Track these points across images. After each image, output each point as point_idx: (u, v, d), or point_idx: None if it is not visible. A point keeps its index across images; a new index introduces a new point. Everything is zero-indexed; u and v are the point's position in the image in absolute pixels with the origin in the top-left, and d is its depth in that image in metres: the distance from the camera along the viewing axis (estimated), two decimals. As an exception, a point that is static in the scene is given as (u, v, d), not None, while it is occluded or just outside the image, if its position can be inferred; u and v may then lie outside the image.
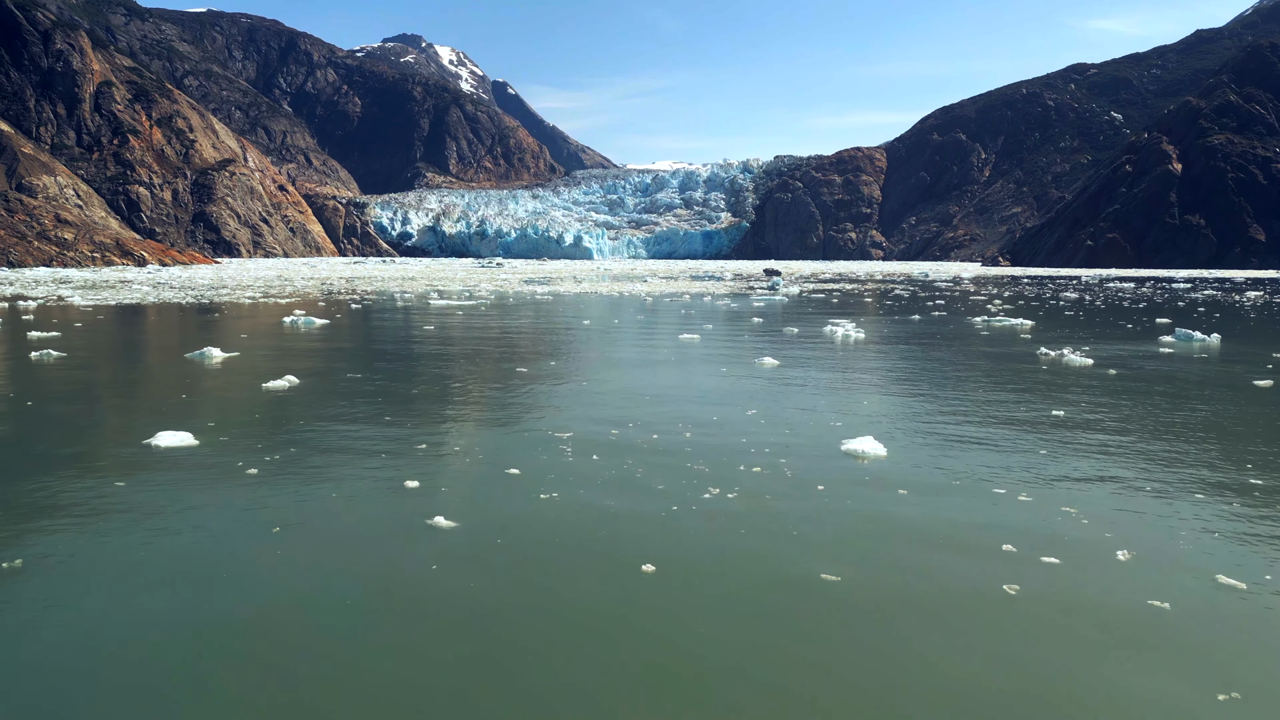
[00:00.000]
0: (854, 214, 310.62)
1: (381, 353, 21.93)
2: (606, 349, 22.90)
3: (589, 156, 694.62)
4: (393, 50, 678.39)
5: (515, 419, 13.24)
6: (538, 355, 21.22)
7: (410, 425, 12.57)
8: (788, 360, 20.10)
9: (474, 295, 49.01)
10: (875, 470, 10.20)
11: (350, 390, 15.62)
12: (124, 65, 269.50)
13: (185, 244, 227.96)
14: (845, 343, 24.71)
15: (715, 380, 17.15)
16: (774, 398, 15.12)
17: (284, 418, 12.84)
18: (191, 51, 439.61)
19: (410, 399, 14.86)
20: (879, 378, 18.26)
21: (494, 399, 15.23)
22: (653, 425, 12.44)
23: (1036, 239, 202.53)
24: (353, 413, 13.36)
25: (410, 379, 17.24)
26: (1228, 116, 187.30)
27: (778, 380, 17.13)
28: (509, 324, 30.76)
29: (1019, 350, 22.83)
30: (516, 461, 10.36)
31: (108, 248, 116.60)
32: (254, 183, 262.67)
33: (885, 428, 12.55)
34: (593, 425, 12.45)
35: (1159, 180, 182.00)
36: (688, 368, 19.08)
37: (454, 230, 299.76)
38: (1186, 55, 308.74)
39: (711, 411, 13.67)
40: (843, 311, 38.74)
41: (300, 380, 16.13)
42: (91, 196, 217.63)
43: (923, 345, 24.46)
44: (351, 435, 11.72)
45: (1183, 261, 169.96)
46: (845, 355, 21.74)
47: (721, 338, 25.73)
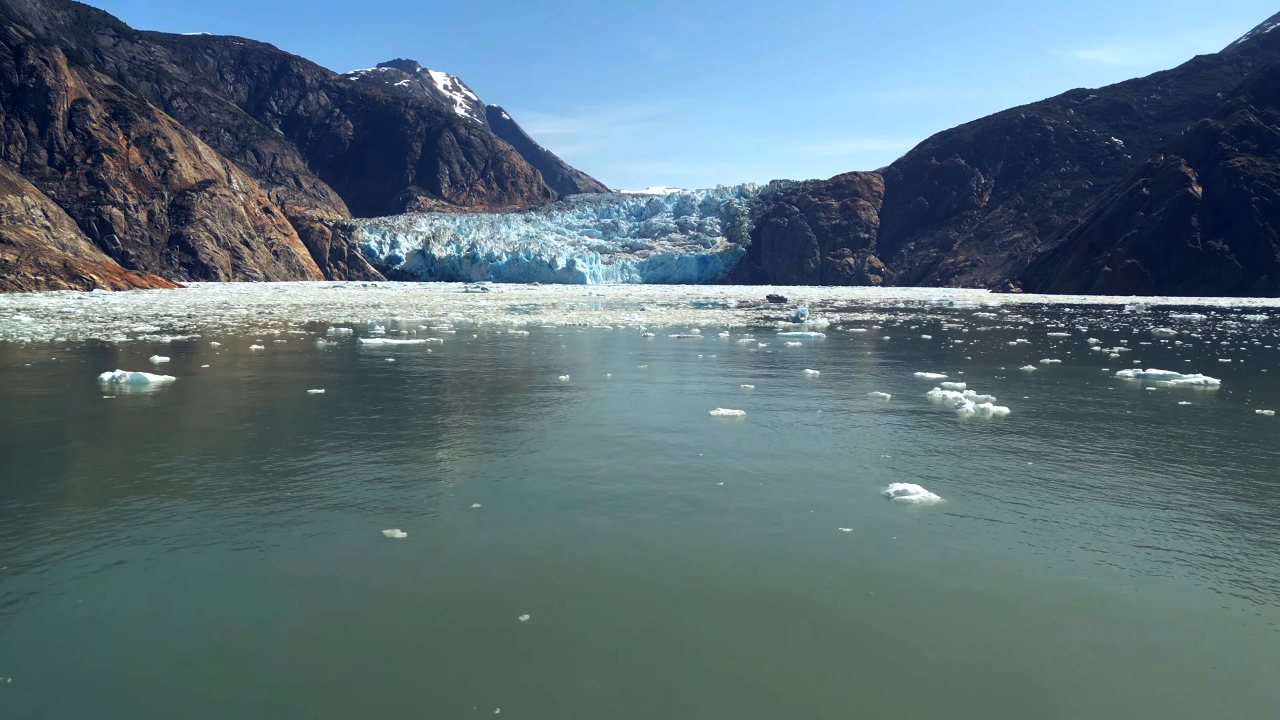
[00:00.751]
0: (851, 239, 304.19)
1: (143, 464, 12.14)
2: (585, 456, 12.73)
3: (583, 181, 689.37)
4: (387, 74, 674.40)
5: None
6: (438, 476, 11.30)
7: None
8: (948, 486, 10.38)
9: (432, 329, 39.22)
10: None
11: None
12: (102, 83, 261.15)
13: (160, 266, 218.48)
14: (986, 425, 14.94)
15: (850, 560, 7.64)
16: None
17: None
18: (181, 73, 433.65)
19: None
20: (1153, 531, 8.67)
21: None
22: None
23: (1049, 265, 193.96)
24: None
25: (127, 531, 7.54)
26: (1248, 138, 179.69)
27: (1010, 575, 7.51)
28: (443, 380, 20.94)
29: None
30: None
31: (54, 270, 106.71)
32: (236, 204, 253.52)
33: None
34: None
35: (1179, 204, 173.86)
36: (777, 520, 9.50)
37: (444, 254, 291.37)
38: (1186, 81, 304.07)
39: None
40: (910, 355, 29.05)
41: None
42: (61, 217, 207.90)
43: (1121, 433, 14.67)
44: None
45: (1207, 289, 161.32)
46: (1023, 467, 11.95)
47: (782, 415, 15.96)
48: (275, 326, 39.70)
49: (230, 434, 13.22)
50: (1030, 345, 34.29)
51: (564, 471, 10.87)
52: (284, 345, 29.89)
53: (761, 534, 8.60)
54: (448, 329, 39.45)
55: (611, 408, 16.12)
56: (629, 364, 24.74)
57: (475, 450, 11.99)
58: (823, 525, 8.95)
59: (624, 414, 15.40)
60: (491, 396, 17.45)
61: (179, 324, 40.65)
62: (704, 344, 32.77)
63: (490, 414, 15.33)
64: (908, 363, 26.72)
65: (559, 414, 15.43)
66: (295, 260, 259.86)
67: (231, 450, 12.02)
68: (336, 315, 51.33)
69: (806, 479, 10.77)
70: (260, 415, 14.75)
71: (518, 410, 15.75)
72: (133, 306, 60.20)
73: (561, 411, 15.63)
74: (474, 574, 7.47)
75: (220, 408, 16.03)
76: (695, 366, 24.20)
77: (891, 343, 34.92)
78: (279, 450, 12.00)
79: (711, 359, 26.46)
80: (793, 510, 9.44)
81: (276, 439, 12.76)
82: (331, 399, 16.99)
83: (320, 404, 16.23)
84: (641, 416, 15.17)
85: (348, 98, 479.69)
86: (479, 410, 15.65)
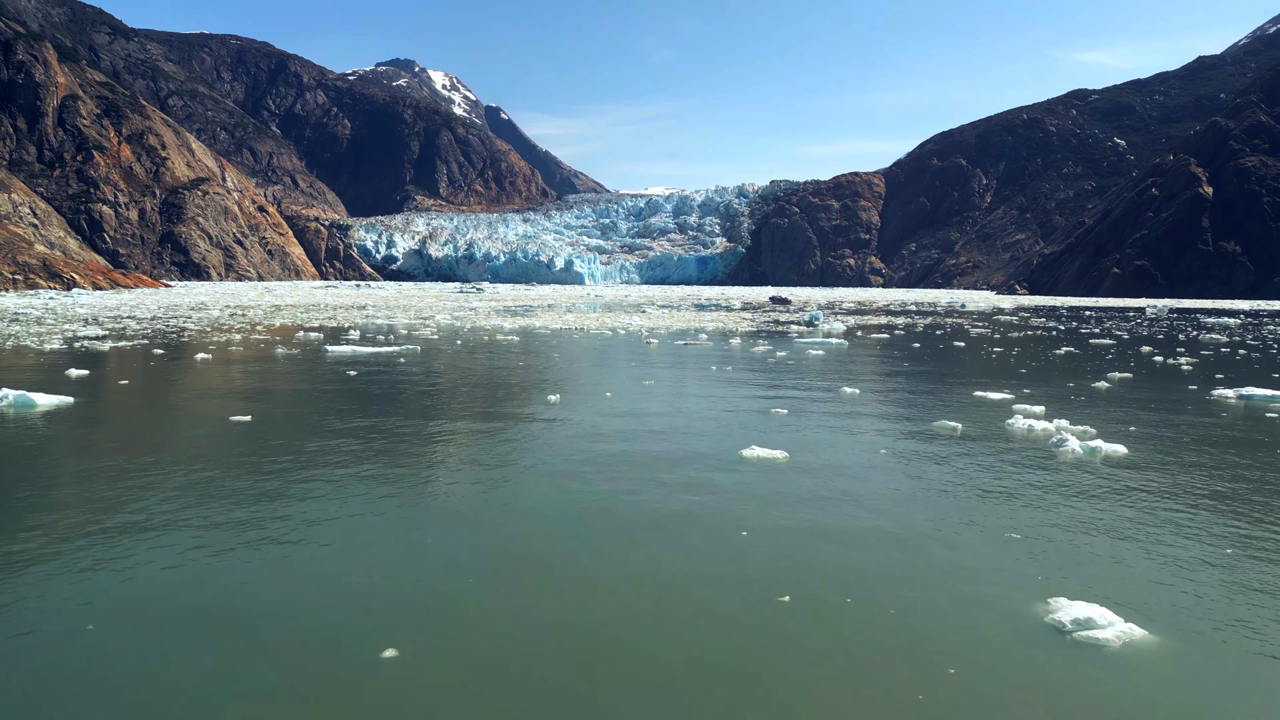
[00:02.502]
0: (852, 240, 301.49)
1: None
2: (565, 547, 8.41)
3: (582, 182, 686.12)
4: (385, 74, 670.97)
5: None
6: (348, 594, 7.64)
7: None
8: (1146, 609, 6.53)
9: (413, 334, 35.54)
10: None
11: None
12: (94, 80, 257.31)
13: (151, 266, 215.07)
14: (1116, 478, 11.27)
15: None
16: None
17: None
18: (177, 71, 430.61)
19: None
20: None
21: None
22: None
23: (1056, 266, 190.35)
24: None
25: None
26: (1259, 138, 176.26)
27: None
28: (404, 403, 17.25)
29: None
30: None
31: (32, 269, 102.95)
32: (229, 203, 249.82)
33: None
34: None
35: (1189, 204, 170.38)
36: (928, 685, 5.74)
37: (440, 254, 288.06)
38: (1189, 81, 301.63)
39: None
40: (955, 368, 25.40)
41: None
42: (50, 215, 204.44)
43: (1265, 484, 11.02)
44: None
45: (1219, 291, 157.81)
46: (1231, 564, 8.14)
47: (839, 457, 12.17)
48: (240, 331, 36.00)
49: (81, 498, 9.50)
50: (1080, 355, 30.64)
51: (523, 592, 7.04)
52: (237, 354, 26.19)
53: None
54: (430, 334, 35.73)
55: (609, 449, 12.42)
56: (631, 379, 21.03)
57: (412, 541, 8.31)
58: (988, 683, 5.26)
59: (625, 458, 11.73)
60: (457, 431, 13.74)
61: (135, 328, 36.94)
62: (715, 353, 29.08)
63: (448, 462, 11.62)
64: (956, 377, 23.03)
65: (540, 460, 11.74)
66: (290, 260, 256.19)
67: (62, 526, 8.34)
68: (315, 318, 47.62)
69: (930, 585, 7.07)
70: (140, 466, 11.04)
71: (486, 455, 12.06)
72: (101, 308, 56.49)
73: (544, 457, 11.94)
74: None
75: (98, 447, 12.30)
76: (710, 383, 20.48)
77: (924, 351, 31.24)
78: (131, 525, 8.31)
79: (727, 372, 22.74)
80: (937, 656, 5.74)
81: (139, 505, 9.06)
82: (254, 433, 13.27)
83: (233, 442, 12.53)
84: (649, 460, 11.51)
85: (345, 97, 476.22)
86: (436, 455, 11.95)
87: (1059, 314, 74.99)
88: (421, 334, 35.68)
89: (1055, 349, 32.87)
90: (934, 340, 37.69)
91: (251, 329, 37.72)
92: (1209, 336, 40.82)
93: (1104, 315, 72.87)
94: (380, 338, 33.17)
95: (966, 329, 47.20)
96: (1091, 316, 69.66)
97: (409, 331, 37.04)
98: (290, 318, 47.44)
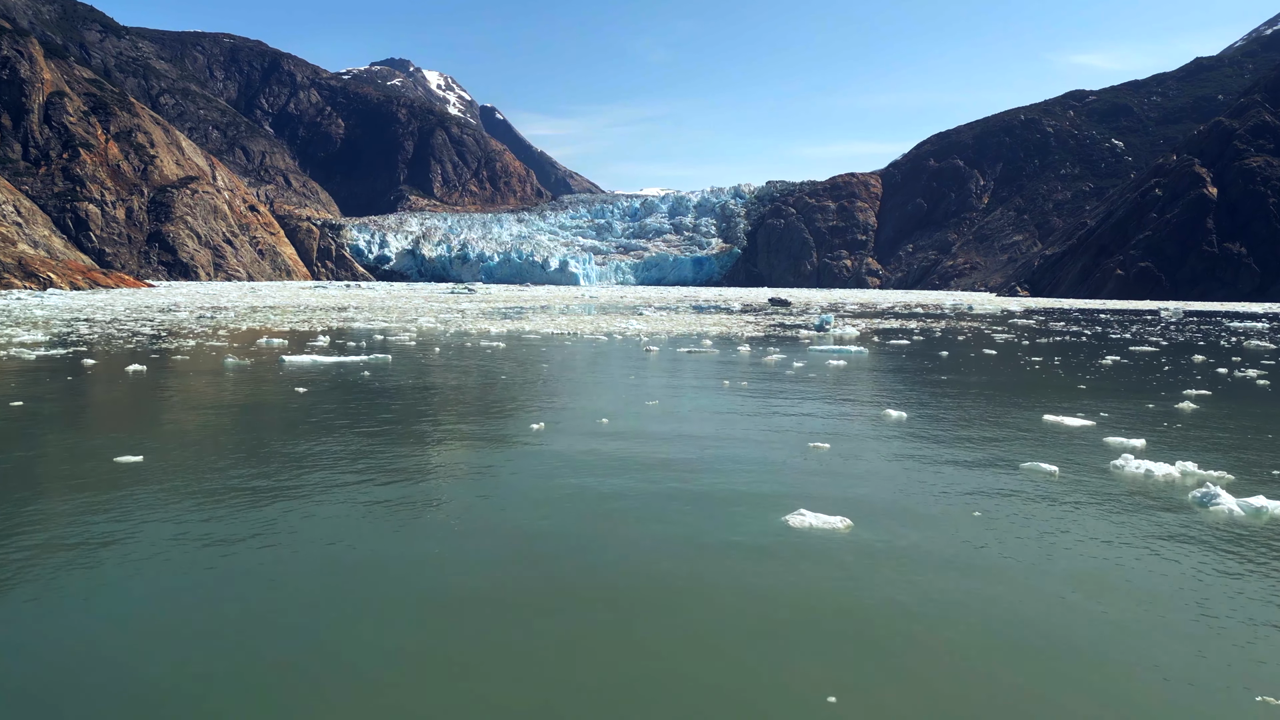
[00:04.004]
0: (849, 241, 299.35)
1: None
2: (541, 682, 5.19)
3: (577, 182, 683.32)
4: (379, 73, 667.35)
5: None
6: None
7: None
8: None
9: (388, 340, 32.28)
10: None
11: None
12: (82, 76, 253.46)
13: (138, 265, 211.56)
14: (1264, 531, 8.07)
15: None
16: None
17: None
18: (169, 70, 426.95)
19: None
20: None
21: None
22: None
23: (1057, 268, 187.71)
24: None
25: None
26: (1264, 138, 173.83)
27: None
28: (349, 431, 13.97)
29: None
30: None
31: (8, 268, 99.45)
32: (219, 202, 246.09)
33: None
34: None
35: (1193, 205, 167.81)
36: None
37: (434, 254, 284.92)
38: (1186, 83, 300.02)
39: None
40: (1004, 383, 22.22)
41: None
42: (35, 213, 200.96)
43: None
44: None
45: (1224, 293, 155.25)
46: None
47: (917, 528, 8.84)
48: (199, 337, 32.69)
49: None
50: (1131, 365, 27.50)
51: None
52: (178, 366, 22.91)
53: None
54: (408, 340, 32.44)
55: (603, 509, 9.17)
56: (631, 398, 17.79)
57: (322, 646, 5.09)
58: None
59: (626, 525, 8.51)
60: (404, 478, 10.47)
61: (84, 333, 33.61)
62: (724, 363, 25.86)
63: (389, 528, 8.36)
64: (1008, 394, 19.81)
65: (510, 519, 8.51)
66: (281, 260, 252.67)
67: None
68: (288, 321, 44.29)
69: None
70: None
71: (439, 513, 8.81)
72: (65, 309, 53.15)
73: (517, 517, 8.70)
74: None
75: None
76: (725, 403, 17.24)
77: (956, 362, 28.06)
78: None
79: (743, 388, 19.49)
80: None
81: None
82: (134, 481, 10.00)
83: (98, 498, 9.26)
84: (656, 541, 8.22)
85: (339, 96, 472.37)
86: (361, 528, 8.64)
87: (1072, 317, 72.04)
88: (398, 340, 32.41)
89: (1098, 358, 29.74)
90: (960, 347, 34.52)
91: (213, 334, 34.41)
92: (1255, 343, 37.73)
93: (1118, 318, 69.88)
94: (351, 344, 29.89)
95: (987, 334, 44.09)
96: (1107, 320, 66.66)
97: (385, 337, 33.75)
98: (262, 321, 44.13)
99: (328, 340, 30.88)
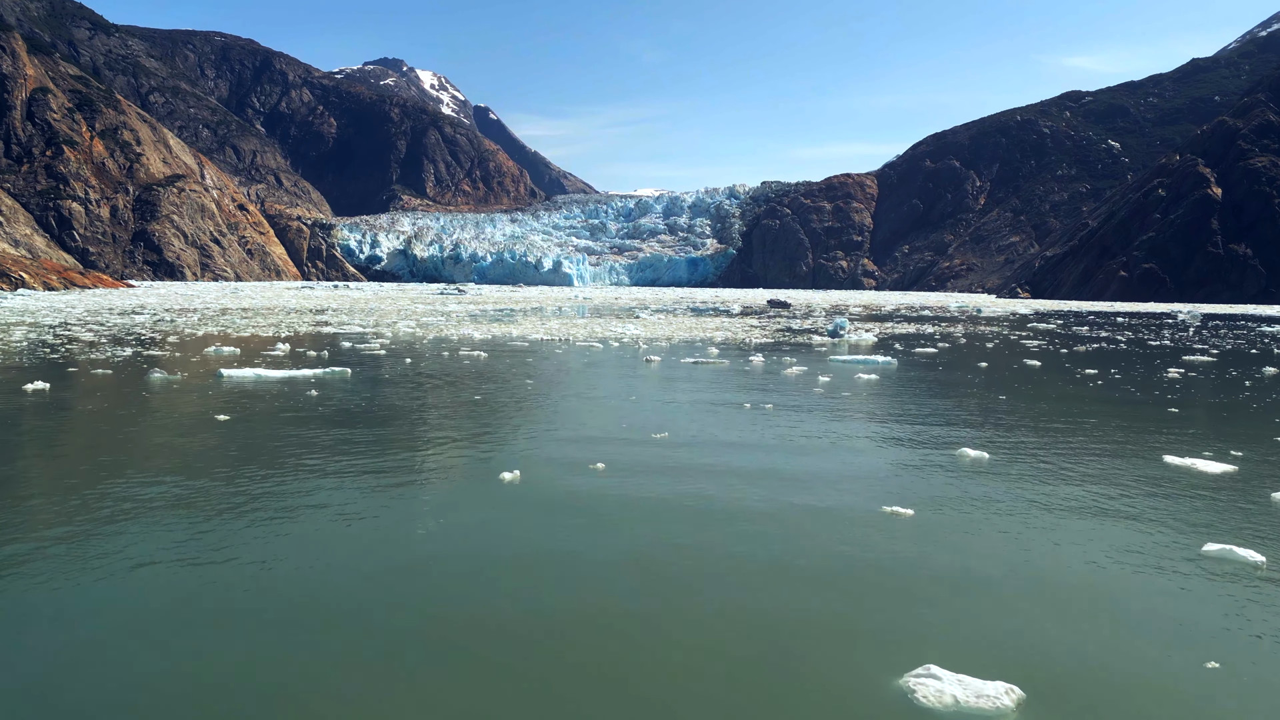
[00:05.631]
0: (844, 242, 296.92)
1: None
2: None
3: (571, 183, 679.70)
4: (372, 73, 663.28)
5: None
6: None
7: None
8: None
9: (356, 349, 28.68)
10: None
11: None
12: (67, 73, 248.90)
13: (123, 265, 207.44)
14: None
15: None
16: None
17: None
18: (159, 68, 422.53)
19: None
20: None
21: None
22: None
23: (1059, 269, 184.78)
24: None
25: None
26: (1269, 137, 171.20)
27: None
28: (263, 480, 10.38)
29: None
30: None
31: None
32: (207, 201, 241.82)
33: None
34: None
35: (1198, 206, 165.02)
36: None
37: (426, 254, 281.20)
38: (1183, 84, 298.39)
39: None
40: (1076, 403, 18.80)
41: None
42: (17, 211, 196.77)
43: None
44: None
45: (1229, 295, 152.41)
46: None
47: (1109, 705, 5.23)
48: (141, 345, 29.04)
49: None
50: (1205, 380, 24.04)
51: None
52: (92, 382, 19.29)
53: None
54: (377, 348, 28.82)
55: (600, 660, 5.55)
56: (633, 428, 14.22)
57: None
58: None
59: (638, 705, 4.95)
60: (298, 573, 6.91)
61: (13, 341, 29.95)
62: (738, 377, 22.32)
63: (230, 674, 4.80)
64: (1096, 422, 16.24)
65: (446, 695, 4.94)
66: (270, 259, 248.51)
67: None
68: (253, 326, 40.62)
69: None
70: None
71: (326, 643, 5.25)
72: (16, 311, 49.42)
73: (460, 684, 5.13)
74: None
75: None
76: (752, 436, 13.68)
77: (1001, 375, 24.52)
78: None
79: (768, 412, 15.94)
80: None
81: None
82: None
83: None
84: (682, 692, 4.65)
85: (332, 95, 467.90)
86: (233, 632, 5.06)
87: (1088, 320, 68.80)
88: (368, 348, 28.81)
89: (1158, 371, 26.31)
90: (994, 357, 31.05)
91: (161, 341, 30.76)
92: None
93: (1137, 322, 66.60)
94: (311, 354, 26.27)
95: (1013, 339, 40.69)
96: (1125, 324, 63.38)
97: (354, 345, 30.12)
98: (225, 325, 40.44)
99: (286, 349, 27.27)
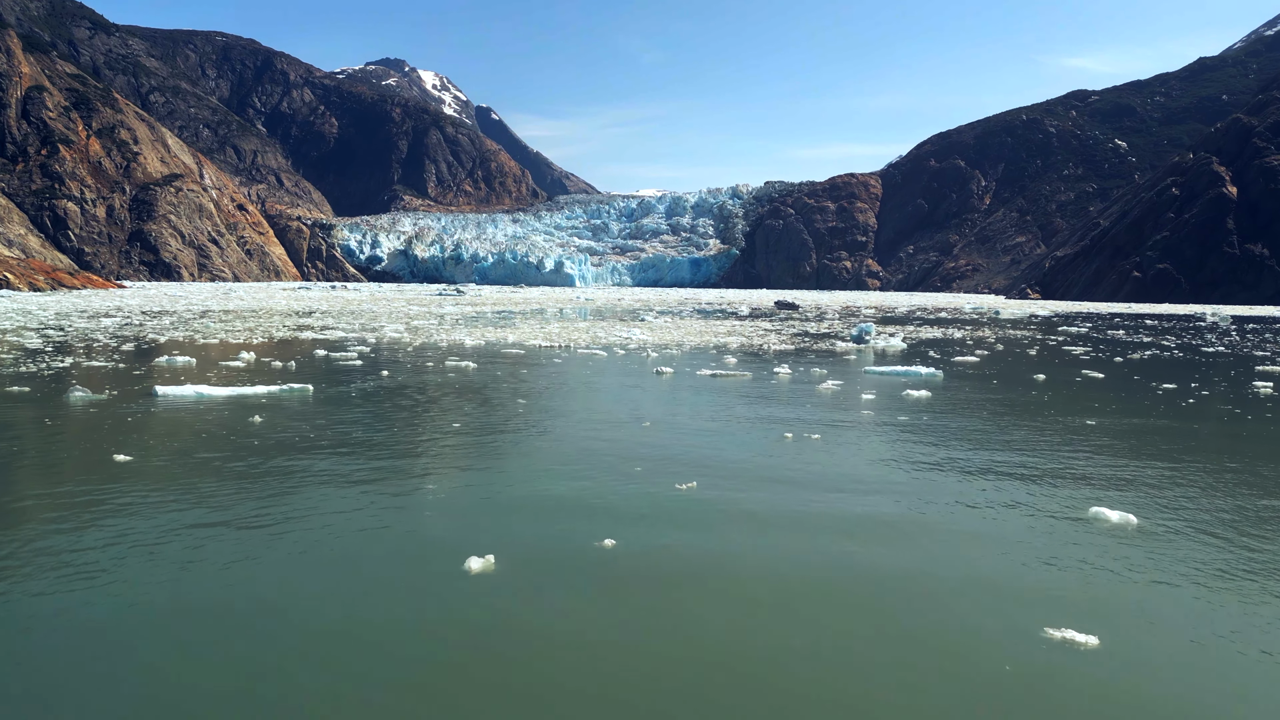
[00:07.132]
0: (848, 242, 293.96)
1: None
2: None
3: (573, 183, 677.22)
4: (374, 73, 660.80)
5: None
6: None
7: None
8: None
9: (330, 358, 25.49)
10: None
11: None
12: (64, 71, 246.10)
13: (119, 265, 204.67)
14: None
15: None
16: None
17: None
18: (159, 68, 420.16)
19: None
20: None
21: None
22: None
23: (1070, 270, 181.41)
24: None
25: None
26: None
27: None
28: (126, 571, 7.07)
29: None
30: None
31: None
32: (205, 200, 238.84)
33: None
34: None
35: (1212, 205, 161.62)
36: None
37: (427, 254, 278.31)
38: (1190, 83, 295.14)
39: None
40: (1179, 432, 15.62)
41: None
42: (11, 211, 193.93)
43: None
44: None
45: (1245, 296, 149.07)
46: None
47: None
48: (87, 353, 25.89)
49: None
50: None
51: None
52: (2, 399, 16.13)
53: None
54: (353, 358, 25.64)
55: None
56: (649, 474, 10.94)
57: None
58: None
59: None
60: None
61: (36, 338, 26.84)
62: (766, 393, 19.10)
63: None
64: (1229, 461, 13.02)
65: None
66: (269, 260, 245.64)
67: None
68: (225, 331, 37.47)
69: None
70: None
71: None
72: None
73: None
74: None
75: None
76: (799, 475, 10.45)
77: (1069, 392, 21.27)
78: None
79: (815, 444, 12.71)
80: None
81: None
82: None
83: None
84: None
85: (333, 95, 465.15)
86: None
87: (1115, 323, 65.56)
88: (343, 358, 25.65)
89: (1240, 384, 23.09)
90: (1046, 368, 27.83)
91: (115, 348, 27.61)
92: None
93: (1166, 325, 63.35)
94: (276, 365, 23.08)
95: (1055, 346, 37.49)
96: (1156, 327, 60.12)
97: (329, 353, 26.95)
98: (197, 330, 37.29)
99: (251, 358, 24.10)
